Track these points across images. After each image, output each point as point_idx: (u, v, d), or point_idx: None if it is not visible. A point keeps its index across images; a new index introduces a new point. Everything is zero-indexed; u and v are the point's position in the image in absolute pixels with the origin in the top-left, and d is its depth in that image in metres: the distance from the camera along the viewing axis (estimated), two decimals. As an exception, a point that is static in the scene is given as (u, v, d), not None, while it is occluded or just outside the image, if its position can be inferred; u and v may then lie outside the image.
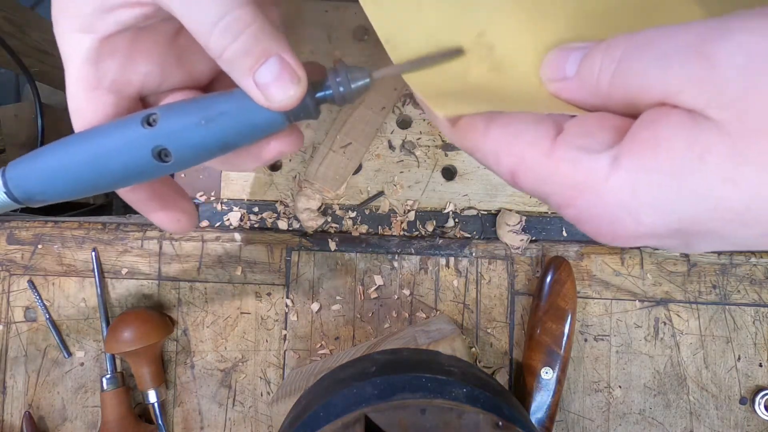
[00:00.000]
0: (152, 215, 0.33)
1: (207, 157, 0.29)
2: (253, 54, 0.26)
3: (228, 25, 0.25)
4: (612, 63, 0.21)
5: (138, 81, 0.30)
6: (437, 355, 0.43)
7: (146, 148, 0.27)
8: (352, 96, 0.28)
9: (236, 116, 0.27)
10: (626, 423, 0.52)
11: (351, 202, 0.53)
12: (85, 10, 0.27)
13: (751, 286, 0.52)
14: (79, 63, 0.29)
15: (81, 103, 0.29)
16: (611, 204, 0.19)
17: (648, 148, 0.19)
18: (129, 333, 0.48)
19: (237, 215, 0.54)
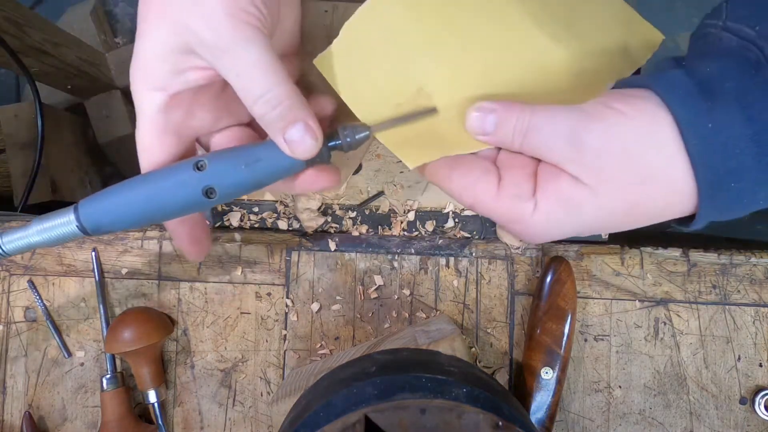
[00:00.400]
0: (184, 247, 0.41)
1: (244, 192, 0.35)
2: (285, 120, 0.34)
3: (268, 100, 0.33)
4: (520, 135, 0.32)
5: (196, 126, 0.38)
6: (437, 355, 0.43)
7: (197, 188, 0.34)
8: (357, 145, 0.36)
9: (268, 162, 0.35)
10: (626, 423, 0.52)
11: (351, 202, 0.53)
12: (159, 73, 0.34)
13: (751, 286, 0.52)
14: (150, 113, 0.35)
15: (149, 145, 0.36)
16: (534, 229, 0.33)
17: (553, 199, 0.32)
18: (129, 333, 0.48)
19: (237, 215, 0.54)
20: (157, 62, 0.34)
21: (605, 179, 0.31)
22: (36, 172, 0.73)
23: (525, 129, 0.32)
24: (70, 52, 0.86)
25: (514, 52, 0.36)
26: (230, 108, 0.39)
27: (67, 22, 1.17)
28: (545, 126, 0.32)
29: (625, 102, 0.31)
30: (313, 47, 0.52)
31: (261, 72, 0.33)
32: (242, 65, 0.33)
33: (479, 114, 0.34)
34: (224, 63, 0.33)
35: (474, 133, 0.34)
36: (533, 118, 0.32)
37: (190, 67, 0.35)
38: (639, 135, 0.30)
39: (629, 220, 0.32)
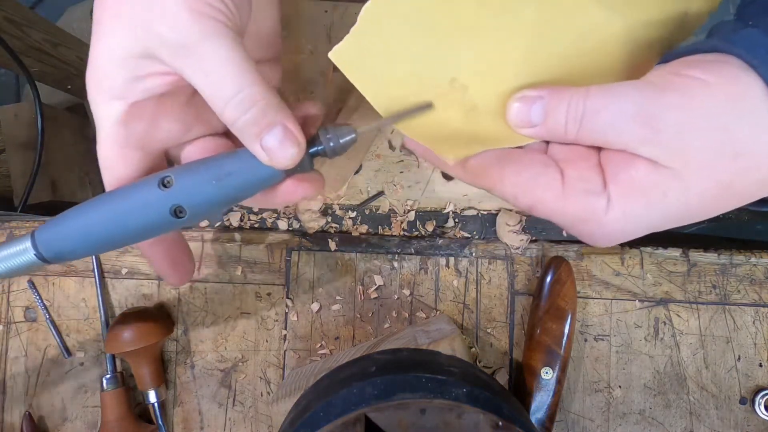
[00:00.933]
0: (162, 270, 0.37)
1: (217, 210, 0.32)
2: (259, 124, 0.30)
3: (240, 102, 0.30)
4: (575, 122, 0.28)
5: (162, 138, 0.34)
6: (437, 355, 0.43)
7: (164, 207, 0.31)
8: (341, 150, 0.32)
9: (242, 174, 0.31)
10: (626, 423, 0.52)
11: (351, 202, 0.53)
12: (116, 80, 0.31)
13: (751, 286, 0.52)
14: (110, 125, 0.32)
15: (111, 160, 0.33)
16: (609, 228, 0.29)
17: (629, 191, 0.28)
18: (129, 333, 0.48)
19: (237, 215, 0.54)
20: (114, 69, 0.31)
21: (691, 159, 0.26)
22: (36, 172, 0.73)
23: (581, 114, 0.28)
24: (70, 52, 0.86)
25: (560, 29, 0.31)
26: (201, 116, 0.35)
27: (67, 22, 1.17)
28: (607, 107, 0.27)
29: (702, 68, 0.27)
30: (313, 47, 0.53)
31: (231, 71, 0.30)
32: (209, 64, 0.29)
33: (522, 104, 0.30)
34: (189, 63, 0.30)
35: (518, 125, 0.30)
36: (589, 101, 0.28)
37: (150, 72, 0.31)
38: (725, 103, 0.26)
39: (720, 204, 0.28)
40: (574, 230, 0.30)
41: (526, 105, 0.30)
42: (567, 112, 0.28)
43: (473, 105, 0.32)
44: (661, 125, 0.26)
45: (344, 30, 0.56)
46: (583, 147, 0.30)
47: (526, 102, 0.30)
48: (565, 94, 0.28)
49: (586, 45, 0.31)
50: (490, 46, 0.31)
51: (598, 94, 0.28)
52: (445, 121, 0.32)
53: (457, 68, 0.32)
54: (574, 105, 0.28)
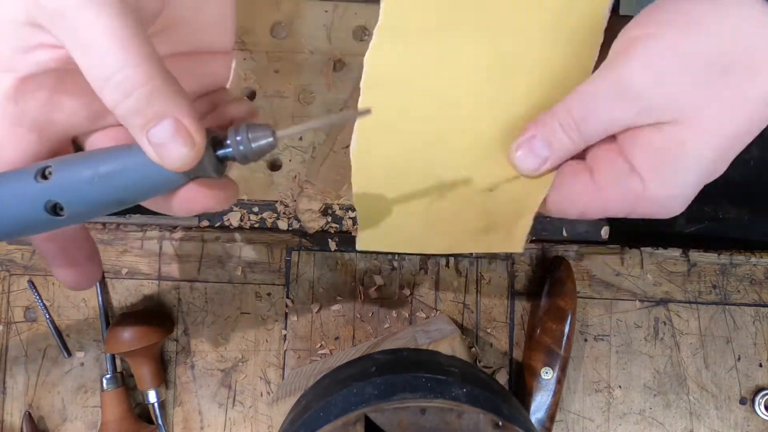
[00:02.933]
0: (54, 269, 0.33)
1: (102, 211, 0.28)
2: (145, 114, 0.25)
3: (120, 82, 0.25)
4: (575, 133, 0.29)
5: (63, 121, 0.30)
6: (437, 355, 0.43)
7: (38, 202, 0.27)
8: (255, 155, 0.27)
9: (131, 173, 0.27)
10: (626, 423, 0.52)
11: (351, 202, 0.53)
12: (3, 50, 0.27)
13: (751, 286, 0.52)
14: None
15: (1, 140, 0.29)
16: (660, 201, 0.29)
17: (651, 160, 0.28)
18: (129, 333, 0.48)
19: (237, 215, 0.54)
20: (1, 36, 0.27)
21: (682, 102, 0.27)
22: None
23: (575, 126, 0.29)
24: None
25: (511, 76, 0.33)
26: None
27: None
28: (587, 105, 0.29)
29: (652, 19, 0.27)
30: (313, 47, 0.53)
31: (111, 45, 0.25)
32: (87, 36, 0.25)
33: (525, 150, 0.31)
34: (66, 33, 0.25)
35: (535, 168, 0.31)
36: (573, 112, 0.29)
37: (38, 44, 0.27)
38: (686, 28, 0.26)
39: (737, 124, 0.27)
40: (635, 215, 0.30)
41: (528, 147, 0.31)
42: (563, 131, 0.30)
43: (491, 185, 0.34)
44: (638, 92, 0.27)
45: (344, 30, 0.56)
46: (600, 143, 0.31)
47: (526, 146, 0.31)
48: (549, 117, 0.30)
49: (539, 71, 0.33)
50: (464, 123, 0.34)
51: (575, 104, 0.29)
52: (465, 219, 0.35)
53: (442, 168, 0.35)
54: (563, 120, 0.30)
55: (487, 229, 0.35)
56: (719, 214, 0.59)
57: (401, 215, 0.35)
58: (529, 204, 0.33)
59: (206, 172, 0.28)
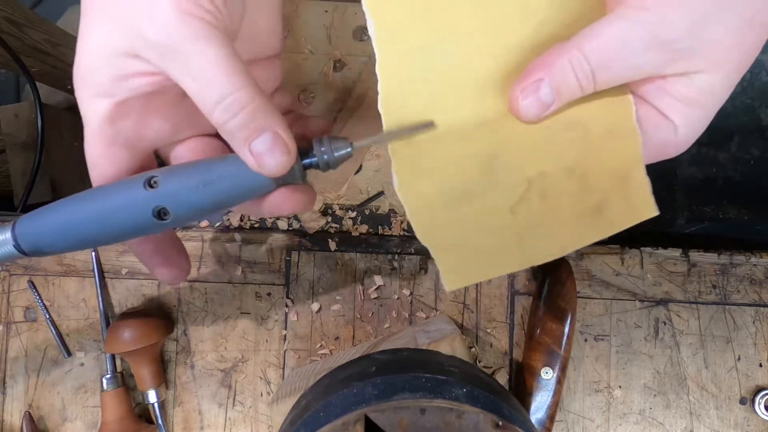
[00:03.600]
0: (153, 268, 0.36)
1: (203, 215, 0.32)
2: (249, 128, 0.29)
3: (229, 105, 0.29)
4: (589, 80, 0.28)
5: (151, 137, 0.33)
6: (437, 355, 0.43)
7: (147, 208, 0.30)
8: (336, 163, 0.32)
9: (230, 180, 0.31)
10: (626, 423, 0.52)
11: (351, 202, 0.53)
12: (102, 78, 0.30)
13: (751, 286, 0.52)
14: (96, 123, 0.31)
15: (98, 158, 0.32)
16: (685, 141, 0.30)
17: (685, 109, 0.29)
18: (129, 333, 0.48)
19: (237, 215, 0.54)
20: (100, 66, 0.30)
21: (714, 51, 0.27)
22: (36, 172, 0.73)
23: (590, 72, 0.28)
24: (70, 52, 0.86)
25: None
26: (192, 116, 0.34)
27: (67, 22, 1.17)
28: (611, 51, 0.27)
29: None
30: (313, 47, 0.53)
31: (218, 74, 0.29)
32: (196, 66, 0.28)
33: (528, 97, 0.29)
34: (176, 66, 0.29)
35: (533, 118, 0.30)
36: (592, 56, 0.28)
37: (137, 72, 0.30)
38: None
39: (751, 57, 0.28)
40: (656, 160, 0.31)
41: (535, 95, 0.29)
42: (576, 76, 0.28)
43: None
44: (672, 40, 0.26)
45: (344, 30, 0.56)
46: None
47: (532, 92, 0.29)
48: (559, 60, 0.28)
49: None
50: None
51: (594, 48, 0.28)
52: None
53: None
54: (578, 65, 0.28)
55: (598, 210, 0.30)
56: (719, 214, 0.59)
57: (483, 235, 0.32)
58: (628, 154, 0.30)
59: (294, 179, 0.32)
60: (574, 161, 0.31)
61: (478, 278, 0.33)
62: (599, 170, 0.31)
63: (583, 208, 0.31)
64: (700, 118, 0.29)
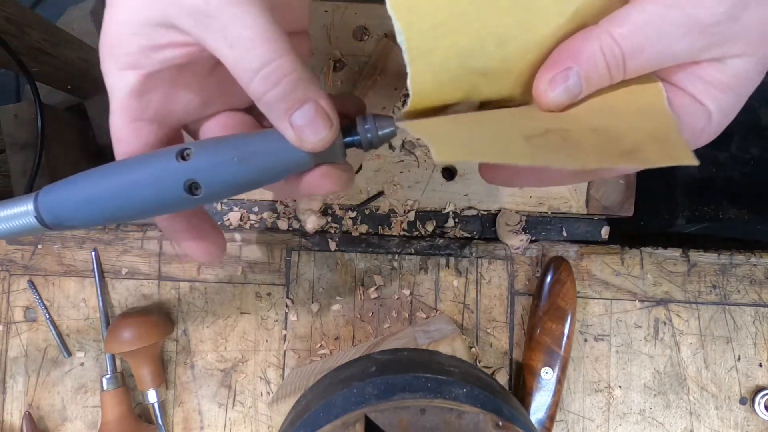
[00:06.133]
0: (185, 244, 0.34)
1: (235, 191, 0.30)
2: (290, 99, 0.28)
3: (269, 74, 0.27)
4: (619, 68, 0.27)
5: (180, 111, 0.32)
6: (437, 355, 0.43)
7: (178, 181, 0.29)
8: (379, 143, 0.30)
9: (267, 156, 0.29)
10: (626, 423, 0.52)
11: (351, 202, 0.53)
12: (131, 49, 0.29)
13: (751, 286, 0.52)
14: (123, 96, 0.30)
15: (124, 133, 0.31)
16: (713, 133, 0.29)
17: (720, 94, 0.28)
18: (129, 333, 0.48)
19: (237, 215, 0.54)
20: (129, 37, 0.28)
21: (751, 37, 0.26)
22: (36, 172, 0.73)
23: (621, 59, 0.27)
24: (70, 52, 0.86)
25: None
26: (223, 90, 0.33)
27: (67, 22, 1.17)
28: (645, 37, 0.26)
29: None
30: (313, 47, 0.53)
31: (258, 41, 0.27)
32: (235, 33, 0.27)
33: (557, 87, 0.28)
34: (212, 32, 0.27)
35: (559, 106, 0.28)
36: (623, 42, 0.26)
37: (169, 42, 0.28)
38: None
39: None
40: (692, 148, 0.29)
41: (561, 83, 0.28)
42: (607, 63, 0.27)
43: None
44: (710, 26, 0.26)
45: (344, 30, 0.56)
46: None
47: (558, 82, 0.28)
48: (588, 46, 0.27)
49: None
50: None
51: (627, 33, 0.26)
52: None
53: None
54: (609, 52, 0.27)
55: (629, 151, 0.27)
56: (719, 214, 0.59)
57: (489, 138, 0.28)
58: (662, 127, 0.28)
59: (334, 157, 0.30)
60: (602, 125, 0.28)
61: (477, 156, 0.27)
62: (629, 131, 0.28)
63: (612, 149, 0.27)
64: (733, 104, 0.28)
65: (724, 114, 0.29)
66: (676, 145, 0.27)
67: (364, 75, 0.51)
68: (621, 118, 0.28)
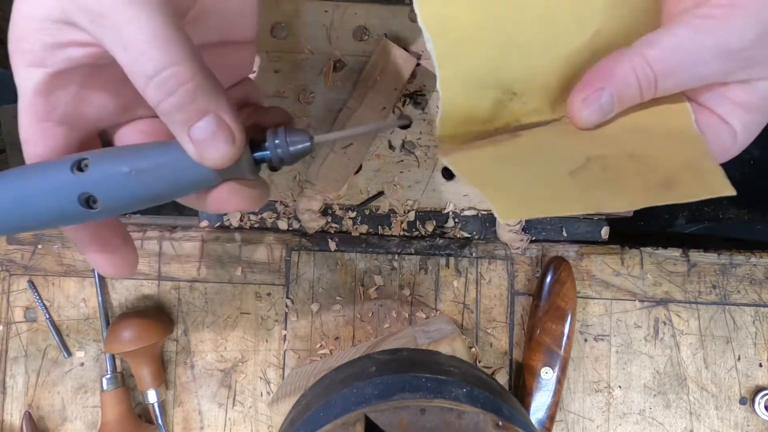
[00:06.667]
0: (90, 255, 0.32)
1: (135, 206, 0.28)
2: (188, 110, 0.26)
3: (164, 80, 0.25)
4: (650, 88, 0.28)
5: (92, 114, 0.30)
6: (437, 355, 0.43)
7: (73, 194, 0.27)
8: (292, 159, 0.28)
9: (167, 170, 0.27)
10: (626, 423, 0.52)
11: (351, 202, 0.53)
12: (35, 45, 0.27)
13: (751, 286, 0.52)
14: (29, 95, 0.29)
15: (31, 134, 0.29)
16: (736, 151, 0.30)
17: (746, 115, 0.29)
18: (129, 333, 0.48)
19: (237, 215, 0.54)
20: (33, 33, 0.27)
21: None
22: (36, 172, 0.73)
23: (653, 80, 0.28)
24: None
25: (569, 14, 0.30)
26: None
27: (67, 22, 1.17)
28: (681, 64, 0.27)
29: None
30: (313, 47, 0.53)
31: (154, 44, 0.25)
32: (128, 34, 0.25)
33: (590, 106, 0.29)
34: (107, 33, 0.25)
35: (592, 124, 0.29)
36: (656, 65, 0.27)
37: (71, 41, 0.27)
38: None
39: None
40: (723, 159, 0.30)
41: (594, 102, 0.29)
42: (639, 84, 0.28)
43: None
44: (739, 49, 0.27)
45: (344, 30, 0.56)
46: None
47: (594, 101, 0.29)
48: (621, 68, 0.28)
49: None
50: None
51: (660, 56, 0.27)
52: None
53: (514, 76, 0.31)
54: (642, 73, 0.28)
55: (667, 183, 0.28)
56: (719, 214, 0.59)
57: (540, 185, 0.29)
58: (694, 152, 0.29)
59: (242, 173, 0.28)
60: (637, 150, 0.29)
61: (536, 212, 0.29)
62: (664, 159, 0.29)
63: (649, 181, 0.28)
64: (758, 124, 0.29)
65: (749, 133, 0.30)
66: (712, 175, 0.28)
67: (364, 75, 0.51)
68: (653, 141, 0.30)
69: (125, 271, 0.33)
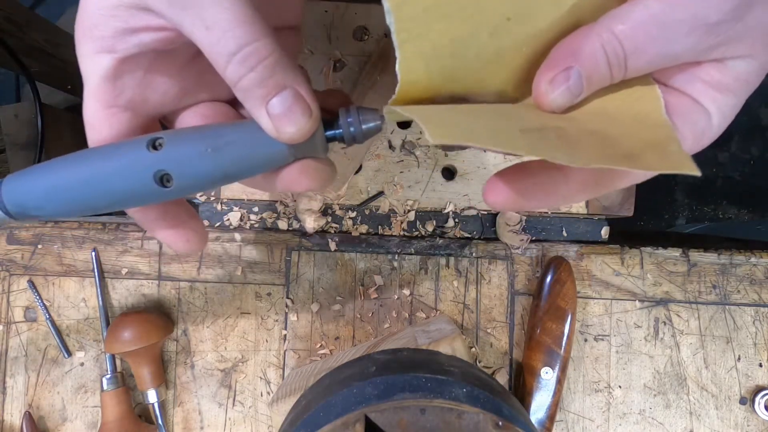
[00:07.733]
0: (161, 233, 0.32)
1: (209, 185, 0.28)
2: (267, 85, 0.26)
3: (245, 57, 0.26)
4: (620, 68, 0.26)
5: (156, 99, 0.31)
6: (437, 355, 0.43)
7: (148, 172, 0.27)
8: (363, 137, 0.28)
9: (243, 147, 0.27)
10: (626, 423, 0.52)
11: (351, 202, 0.53)
12: (106, 32, 0.28)
13: (751, 286, 0.52)
14: (96, 80, 0.29)
15: (96, 119, 0.30)
16: (714, 135, 0.28)
17: (721, 96, 0.27)
18: (129, 333, 0.48)
19: (237, 215, 0.54)
20: (104, 19, 0.27)
21: (757, 36, 0.26)
22: (36, 172, 0.73)
23: (623, 57, 0.26)
24: (70, 52, 0.86)
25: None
26: (203, 80, 0.32)
27: (67, 22, 1.17)
28: (648, 36, 0.25)
29: None
30: (313, 47, 0.53)
31: (235, 23, 0.26)
32: (211, 15, 0.26)
33: (560, 88, 0.27)
34: (188, 15, 0.26)
35: (561, 108, 0.27)
36: (626, 42, 0.25)
37: (145, 26, 0.27)
38: None
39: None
40: (695, 151, 0.28)
41: (562, 83, 0.27)
42: (608, 62, 0.26)
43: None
44: (715, 25, 0.25)
45: (344, 30, 0.56)
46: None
47: (559, 82, 0.27)
48: (589, 45, 0.26)
49: None
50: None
51: (630, 31, 0.25)
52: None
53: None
54: (610, 51, 0.26)
55: (629, 154, 0.26)
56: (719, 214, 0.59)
57: (483, 124, 0.27)
58: (661, 136, 0.27)
59: (314, 151, 0.28)
60: (599, 129, 0.27)
61: (474, 139, 0.26)
62: (627, 137, 0.27)
63: (610, 152, 0.26)
64: (733, 106, 0.28)
65: (723, 115, 0.28)
66: (676, 154, 0.26)
67: (364, 75, 0.51)
68: (618, 124, 0.28)
69: (198, 245, 0.33)
